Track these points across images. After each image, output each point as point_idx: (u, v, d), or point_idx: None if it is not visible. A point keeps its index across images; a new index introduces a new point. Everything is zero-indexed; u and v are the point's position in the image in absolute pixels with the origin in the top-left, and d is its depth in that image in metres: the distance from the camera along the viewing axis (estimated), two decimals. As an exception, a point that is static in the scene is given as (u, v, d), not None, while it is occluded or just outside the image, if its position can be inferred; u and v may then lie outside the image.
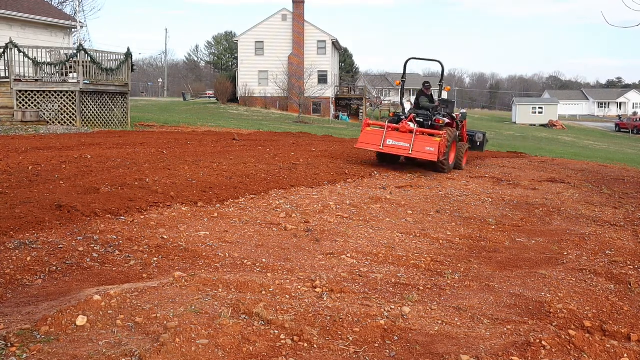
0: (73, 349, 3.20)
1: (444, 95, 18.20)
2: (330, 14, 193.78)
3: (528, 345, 3.58)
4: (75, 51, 18.79)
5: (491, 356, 3.45)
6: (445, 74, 13.79)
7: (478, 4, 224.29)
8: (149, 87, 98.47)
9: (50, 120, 18.05)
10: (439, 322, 4.03)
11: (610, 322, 4.19)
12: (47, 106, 18.03)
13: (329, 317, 3.86)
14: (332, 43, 53.33)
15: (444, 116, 12.33)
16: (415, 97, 12.95)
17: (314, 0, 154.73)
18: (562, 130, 57.75)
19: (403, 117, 11.86)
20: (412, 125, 11.49)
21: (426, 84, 13.07)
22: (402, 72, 13.54)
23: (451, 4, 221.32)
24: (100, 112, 19.28)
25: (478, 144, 14.70)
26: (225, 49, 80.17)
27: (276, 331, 3.61)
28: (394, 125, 11.54)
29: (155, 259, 5.17)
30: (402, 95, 13.31)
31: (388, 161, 12.29)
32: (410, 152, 10.94)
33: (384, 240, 6.35)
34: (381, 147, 11.17)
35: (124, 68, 20.15)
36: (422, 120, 11.95)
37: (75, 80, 18.26)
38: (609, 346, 3.64)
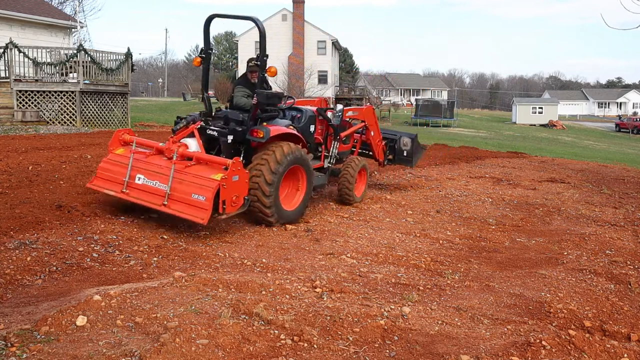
0: (73, 349, 3.20)
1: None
2: (330, 14, 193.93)
3: (528, 345, 3.58)
4: (75, 51, 18.79)
5: (491, 356, 3.45)
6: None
7: (478, 4, 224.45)
8: (149, 87, 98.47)
9: (50, 120, 18.05)
10: (439, 322, 4.03)
11: (610, 322, 4.19)
12: (47, 106, 18.03)
13: (329, 317, 3.86)
14: (332, 43, 53.33)
15: (292, 118, 7.57)
16: (235, 86, 7.56)
17: (314, 0, 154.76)
18: (562, 130, 57.78)
19: (182, 123, 6.83)
20: (191, 145, 6.35)
21: (250, 64, 7.23)
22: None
23: (451, 4, 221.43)
24: (100, 112, 19.28)
25: (404, 154, 9.44)
26: (225, 49, 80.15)
27: (276, 331, 3.61)
28: (158, 145, 6.43)
29: (155, 258, 5.17)
30: (207, 84, 7.48)
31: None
32: (165, 202, 5.75)
33: (384, 240, 6.35)
34: (123, 190, 6.13)
35: (124, 68, 20.15)
36: (216, 131, 6.67)
37: (75, 80, 18.25)
38: (609, 346, 3.64)
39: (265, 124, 6.70)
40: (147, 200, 5.84)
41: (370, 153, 9.16)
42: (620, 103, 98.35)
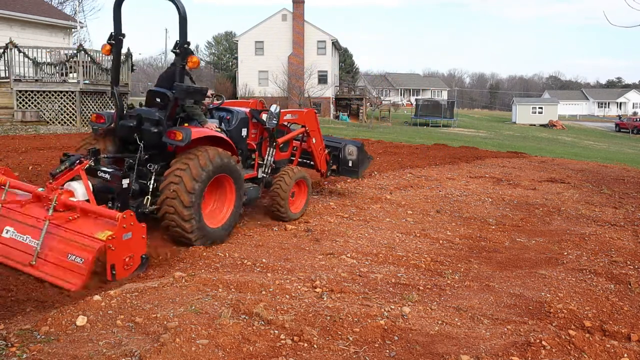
0: (73, 349, 3.20)
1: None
2: (330, 14, 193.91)
3: (528, 345, 3.58)
4: (75, 51, 18.79)
5: (491, 356, 3.45)
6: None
7: (479, 5, 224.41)
8: (149, 87, 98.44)
9: (50, 120, 18.06)
10: (439, 322, 4.03)
11: (610, 322, 4.19)
12: (47, 106, 18.03)
13: (329, 317, 3.86)
14: (332, 43, 53.33)
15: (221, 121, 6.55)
16: (157, 80, 6.32)
17: (314, 0, 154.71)
18: (562, 130, 57.79)
19: (65, 163, 5.42)
20: (78, 191, 5.22)
21: (174, 50, 5.71)
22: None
23: (451, 4, 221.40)
24: (100, 112, 19.28)
25: (350, 164, 8.54)
26: (225, 49, 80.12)
27: (276, 331, 3.61)
28: (37, 190, 5.19)
29: (155, 259, 5.16)
30: (117, 77, 6.18)
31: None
32: (33, 262, 4.58)
33: (384, 240, 6.35)
34: None
35: (124, 68, 20.15)
36: (110, 172, 5.47)
37: (75, 80, 18.26)
38: (609, 346, 3.64)
39: (185, 124, 5.74)
40: (11, 262, 4.65)
41: (312, 163, 8.19)
42: (620, 103, 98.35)
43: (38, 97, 17.96)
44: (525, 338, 3.71)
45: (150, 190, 5.40)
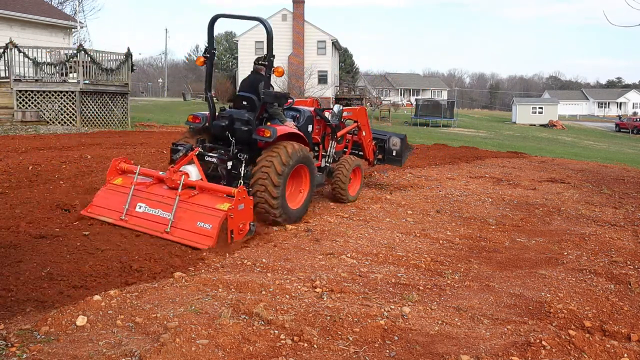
0: (73, 349, 3.20)
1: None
2: (330, 14, 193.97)
3: (528, 345, 3.58)
4: (75, 51, 18.79)
5: (491, 356, 3.45)
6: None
7: (479, 5, 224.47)
8: (149, 87, 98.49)
9: (50, 120, 18.05)
10: (439, 322, 4.03)
11: (610, 322, 4.19)
12: (47, 106, 18.03)
13: (329, 317, 3.86)
14: (332, 43, 53.35)
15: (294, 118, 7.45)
16: (240, 84, 7.32)
17: (314, 0, 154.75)
18: (562, 130, 57.78)
19: (181, 151, 6.57)
20: (192, 173, 6.28)
21: (259, 62, 7.12)
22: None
23: (451, 5, 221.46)
24: (100, 112, 19.28)
25: (394, 153, 9.47)
26: (225, 49, 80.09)
27: (276, 331, 3.61)
28: (159, 174, 6.41)
29: (155, 259, 5.16)
30: (209, 83, 7.23)
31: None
32: (167, 230, 5.71)
33: (384, 240, 6.35)
34: (122, 218, 6.03)
35: (124, 68, 20.15)
36: (215, 158, 6.65)
37: (75, 80, 18.26)
38: (609, 346, 3.64)
39: (269, 123, 6.80)
40: (148, 231, 5.77)
41: (361, 153, 9.17)
42: (620, 103, 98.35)
43: (38, 97, 17.96)
44: (525, 338, 3.71)
45: (242, 175, 6.52)
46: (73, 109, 18.18)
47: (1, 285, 4.25)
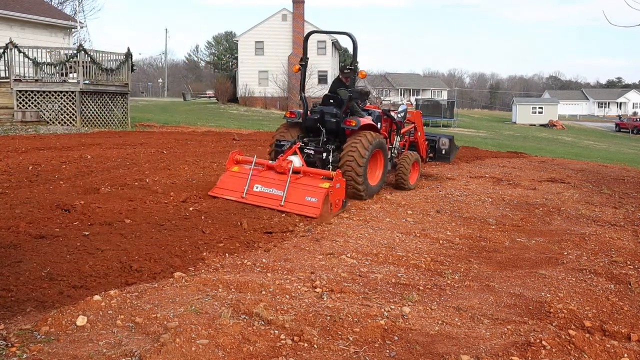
0: (73, 349, 3.20)
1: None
2: (330, 14, 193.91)
3: (528, 345, 3.58)
4: (75, 51, 18.79)
5: (491, 356, 3.45)
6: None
7: (479, 5, 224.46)
8: (149, 87, 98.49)
9: (50, 120, 18.05)
10: (439, 322, 4.03)
11: (610, 322, 4.19)
12: (47, 106, 18.03)
13: (329, 317, 3.86)
14: (332, 43, 53.32)
15: (369, 114, 8.97)
16: (330, 87, 9.07)
17: (314, 0, 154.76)
18: (562, 130, 57.78)
19: (285, 145, 8.20)
20: (295, 161, 7.76)
21: (345, 71, 8.83)
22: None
23: (451, 5, 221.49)
24: (100, 112, 19.28)
25: (443, 152, 11.05)
26: (225, 49, 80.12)
27: (276, 331, 3.61)
28: (269, 162, 7.86)
29: (155, 259, 5.16)
30: (304, 86, 9.32)
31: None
32: (281, 203, 7.23)
33: (384, 240, 6.35)
34: (243, 196, 7.48)
35: (124, 68, 20.16)
36: (312, 151, 8.24)
37: (75, 81, 18.26)
38: (609, 346, 3.64)
39: (350, 117, 8.37)
40: (265, 205, 7.30)
41: (416, 151, 10.40)
42: (620, 103, 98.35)
43: (38, 97, 17.96)
44: (525, 338, 3.71)
45: (331, 160, 8.18)
46: (73, 109, 18.18)
47: (1, 285, 4.25)
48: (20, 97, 17.78)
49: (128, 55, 20.17)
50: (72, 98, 18.14)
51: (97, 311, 3.70)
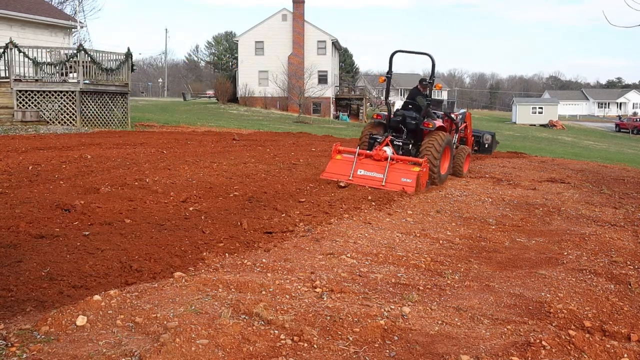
0: (73, 349, 3.20)
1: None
2: (330, 14, 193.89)
3: (528, 345, 3.58)
4: (75, 51, 18.80)
5: (491, 356, 3.45)
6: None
7: (479, 7, 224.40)
8: (149, 87, 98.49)
9: (50, 120, 18.05)
10: (439, 322, 4.03)
11: (610, 322, 4.19)
12: (47, 106, 18.03)
13: (329, 317, 3.86)
14: (332, 43, 53.31)
15: (438, 117, 11.07)
16: (407, 95, 11.22)
17: (314, 0, 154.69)
18: (562, 130, 57.78)
19: (379, 139, 10.12)
20: (388, 151, 9.67)
21: (424, 82, 10.88)
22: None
23: (452, 5, 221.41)
24: (100, 112, 19.28)
25: (486, 146, 13.40)
26: (225, 49, 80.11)
27: (276, 331, 3.60)
28: (367, 152, 9.76)
29: (155, 259, 5.16)
30: (388, 94, 11.23)
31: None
32: (383, 184, 9.13)
33: (384, 240, 6.35)
34: (350, 178, 9.33)
35: (124, 68, 20.16)
36: (400, 143, 10.18)
37: (75, 80, 18.26)
38: (609, 346, 3.64)
39: (428, 121, 10.38)
40: (369, 185, 9.22)
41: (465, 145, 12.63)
42: (620, 103, 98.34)
43: (38, 97, 17.95)
44: (525, 338, 3.71)
45: (412, 154, 10.18)
46: (73, 108, 18.18)
47: (1, 285, 4.25)
48: (20, 97, 17.78)
49: (128, 55, 20.17)
50: (72, 98, 18.14)
51: (97, 311, 3.70)
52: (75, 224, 6.04)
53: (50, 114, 18.04)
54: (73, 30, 24.92)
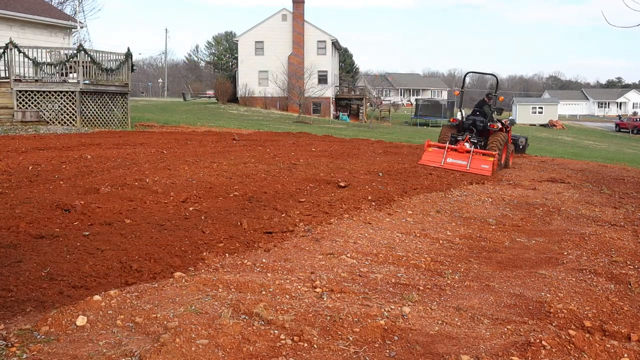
0: (73, 349, 3.20)
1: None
2: (330, 14, 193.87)
3: (528, 345, 3.58)
4: (75, 51, 18.79)
5: (491, 356, 3.45)
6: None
7: (479, 8, 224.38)
8: (149, 87, 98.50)
9: (50, 120, 18.05)
10: (439, 322, 4.03)
11: (610, 322, 4.19)
12: (47, 106, 18.03)
13: (329, 317, 3.86)
14: (332, 43, 53.30)
15: (498, 121, 14.43)
16: (476, 105, 14.64)
17: (314, 0, 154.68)
18: (562, 130, 57.77)
19: (460, 138, 13.50)
20: (467, 146, 12.94)
21: (490, 95, 14.69)
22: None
23: (452, 6, 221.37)
24: (100, 112, 19.28)
25: (520, 147, 17.19)
26: (225, 49, 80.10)
27: (276, 331, 3.60)
28: (452, 146, 13.11)
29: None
30: (460, 105, 15.25)
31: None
32: (467, 168, 12.38)
33: (384, 240, 6.35)
34: (442, 164, 12.62)
35: (124, 68, 20.16)
36: (475, 141, 13.50)
37: (75, 81, 18.26)
38: (609, 346, 3.64)
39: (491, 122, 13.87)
40: (456, 169, 12.37)
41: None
42: (620, 103, 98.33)
43: (38, 97, 17.95)
44: (525, 338, 3.71)
45: (479, 148, 13.24)
46: (73, 109, 18.18)
47: (1, 285, 4.25)
48: (20, 97, 17.78)
49: (128, 55, 20.17)
50: (72, 98, 18.14)
51: (97, 311, 3.70)
52: (75, 224, 6.04)
53: (50, 114, 18.04)
54: (73, 30, 24.91)
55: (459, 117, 14.21)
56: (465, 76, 17.30)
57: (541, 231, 7.29)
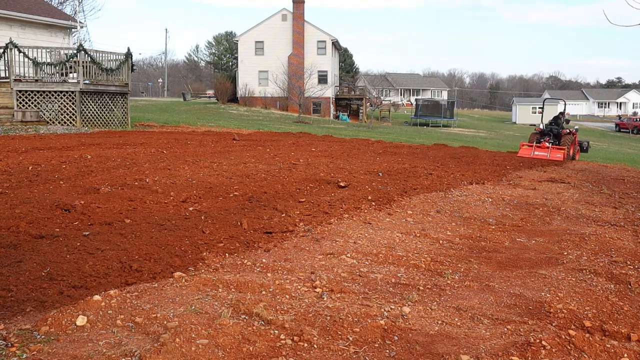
0: (73, 349, 3.21)
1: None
2: (330, 14, 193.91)
3: (528, 345, 3.58)
4: (75, 51, 18.80)
5: (491, 356, 3.45)
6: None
7: (479, 8, 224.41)
8: (149, 87, 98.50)
9: (50, 120, 18.05)
10: (439, 322, 4.03)
11: (610, 322, 4.19)
12: (47, 106, 18.03)
13: (329, 317, 3.86)
14: (332, 43, 53.30)
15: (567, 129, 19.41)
16: (552, 118, 20.04)
17: (314, 0, 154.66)
18: (562, 130, 57.75)
19: (542, 139, 18.88)
20: (547, 144, 18.35)
21: (561, 113, 20.16)
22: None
23: (451, 6, 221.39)
24: (100, 112, 19.28)
25: (584, 148, 20.99)
26: (225, 49, 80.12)
27: (276, 331, 3.61)
28: (537, 144, 18.42)
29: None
30: (542, 119, 20.62)
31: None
32: (548, 157, 17.35)
33: (384, 240, 6.35)
34: (532, 155, 17.71)
35: (124, 68, 20.16)
36: (552, 141, 18.67)
37: (75, 80, 18.26)
38: (609, 346, 3.64)
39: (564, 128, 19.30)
40: (540, 158, 16.97)
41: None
42: (620, 103, 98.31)
43: (38, 97, 17.96)
44: (525, 338, 3.71)
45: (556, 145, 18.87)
46: (73, 109, 18.18)
47: (1, 285, 4.25)
48: (20, 97, 17.78)
49: (128, 55, 20.18)
50: (72, 98, 18.14)
51: (97, 311, 3.70)
52: (75, 224, 6.04)
53: (50, 114, 18.04)
54: (73, 30, 24.91)
55: (541, 126, 19.44)
56: (544, 101, 23.82)
57: (541, 231, 7.29)
